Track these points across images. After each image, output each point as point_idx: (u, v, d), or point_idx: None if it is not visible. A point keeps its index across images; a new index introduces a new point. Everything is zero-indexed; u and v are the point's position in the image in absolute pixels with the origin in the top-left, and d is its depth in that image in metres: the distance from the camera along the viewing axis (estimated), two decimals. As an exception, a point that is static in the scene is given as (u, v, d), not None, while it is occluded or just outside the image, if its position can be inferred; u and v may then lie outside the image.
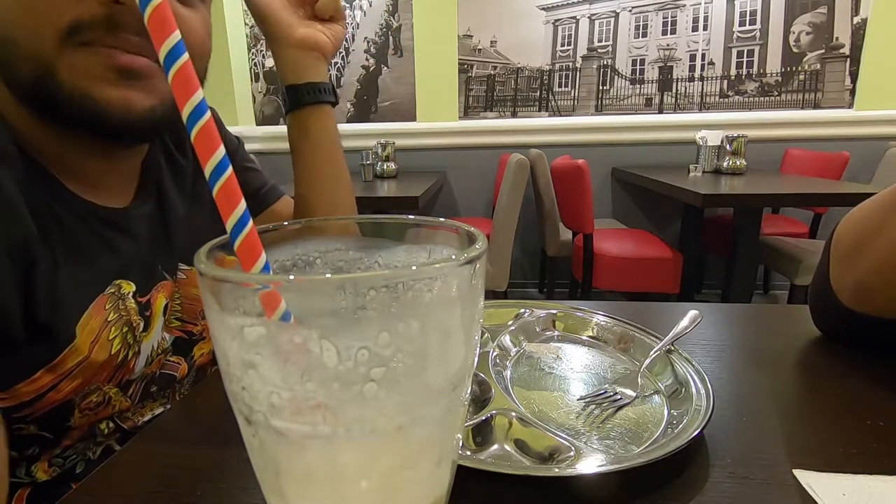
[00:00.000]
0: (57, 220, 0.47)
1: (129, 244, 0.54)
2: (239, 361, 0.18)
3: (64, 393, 0.47)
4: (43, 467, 0.50)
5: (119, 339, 0.51)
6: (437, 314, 0.19)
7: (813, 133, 2.99)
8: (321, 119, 0.68)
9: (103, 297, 0.50)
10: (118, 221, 0.53)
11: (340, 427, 0.18)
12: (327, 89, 0.68)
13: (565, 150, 3.00)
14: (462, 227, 0.23)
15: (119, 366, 0.51)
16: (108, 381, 0.51)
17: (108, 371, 0.50)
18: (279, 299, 0.18)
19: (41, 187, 0.47)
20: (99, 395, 0.50)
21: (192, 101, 0.19)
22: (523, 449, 0.38)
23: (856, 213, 0.57)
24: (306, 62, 0.66)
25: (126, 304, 0.52)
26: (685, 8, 2.99)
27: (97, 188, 0.52)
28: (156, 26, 0.19)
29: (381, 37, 3.22)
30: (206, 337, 0.63)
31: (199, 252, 0.20)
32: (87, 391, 0.49)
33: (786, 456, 0.38)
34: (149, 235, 0.57)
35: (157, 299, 0.56)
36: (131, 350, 0.52)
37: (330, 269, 0.26)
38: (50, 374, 0.46)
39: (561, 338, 0.58)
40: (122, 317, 0.51)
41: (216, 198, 0.20)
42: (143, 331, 0.54)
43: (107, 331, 0.49)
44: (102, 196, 0.53)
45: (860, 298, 0.54)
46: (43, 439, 0.49)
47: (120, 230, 0.53)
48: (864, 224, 0.55)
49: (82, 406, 0.50)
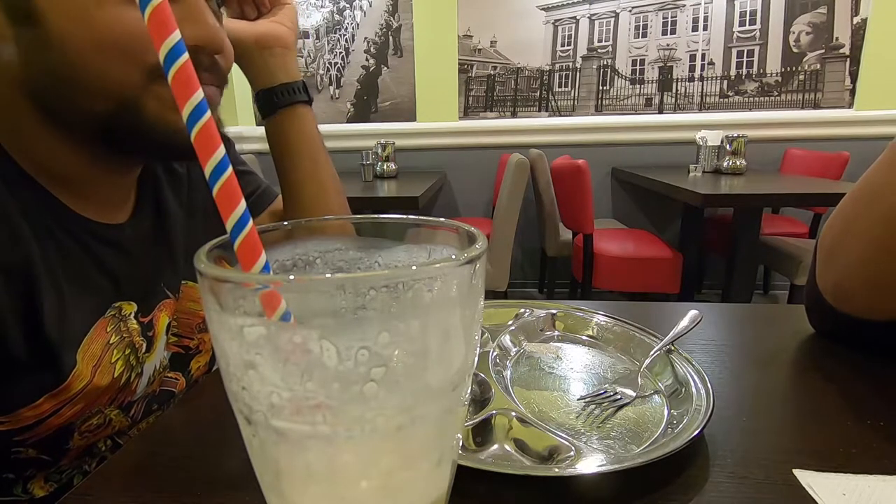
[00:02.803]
0: (57, 243, 0.46)
1: (128, 264, 0.52)
2: (239, 361, 0.18)
3: (65, 417, 0.46)
4: (39, 484, 0.49)
5: (122, 361, 0.49)
6: (437, 314, 0.19)
7: (813, 133, 2.99)
8: (298, 121, 0.66)
9: (104, 321, 0.49)
10: (118, 240, 0.52)
11: (340, 427, 0.18)
12: (299, 89, 0.66)
13: (565, 150, 3.00)
14: (462, 227, 0.23)
15: (121, 388, 0.50)
16: (110, 404, 0.50)
17: (111, 394, 0.49)
18: (279, 299, 0.18)
19: (41, 210, 0.46)
20: (100, 417, 0.49)
21: (193, 101, 0.19)
22: (523, 449, 0.38)
23: (835, 212, 0.57)
24: (273, 62, 0.65)
25: (128, 326, 0.51)
26: (685, 8, 2.99)
27: (97, 203, 0.51)
28: (156, 26, 0.19)
29: (381, 37, 3.21)
30: (203, 350, 0.61)
31: (199, 252, 0.20)
32: (89, 415, 0.48)
33: (786, 456, 0.38)
34: (149, 252, 0.55)
35: (160, 318, 0.55)
36: (134, 372, 0.51)
37: (330, 269, 0.26)
38: (52, 399, 0.44)
39: (561, 338, 0.58)
40: (124, 339, 0.50)
41: (216, 198, 0.20)
42: (145, 352, 0.52)
43: (108, 354, 0.48)
44: (102, 212, 0.51)
45: (841, 299, 0.54)
46: (41, 462, 0.48)
47: (120, 250, 0.52)
48: (839, 224, 0.56)
49: (82, 429, 0.49)
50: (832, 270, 0.55)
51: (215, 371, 0.61)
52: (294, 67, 0.67)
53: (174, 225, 0.59)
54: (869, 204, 0.52)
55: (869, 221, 0.51)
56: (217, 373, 0.20)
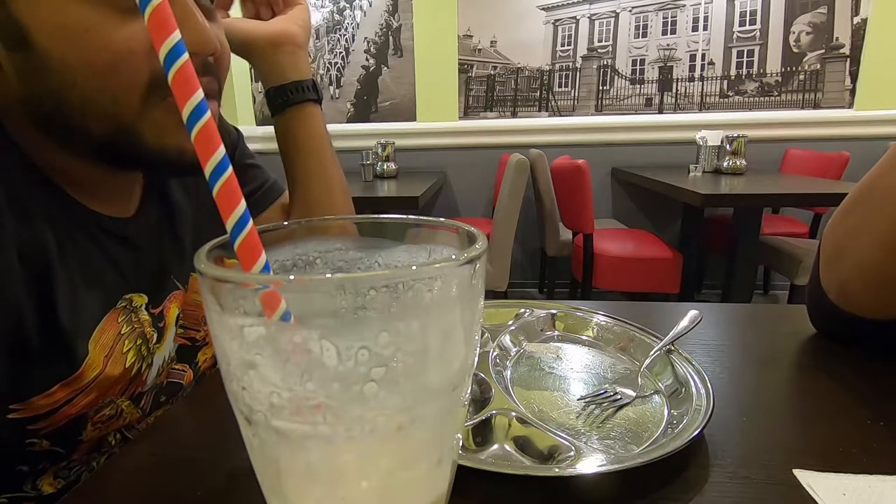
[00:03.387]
0: (68, 235, 0.47)
1: (137, 256, 0.53)
2: (239, 361, 0.18)
3: (78, 407, 0.47)
4: (48, 480, 0.50)
5: (133, 351, 0.50)
6: (437, 314, 0.19)
7: (813, 133, 2.99)
8: (307, 119, 0.67)
9: (115, 312, 0.49)
10: (126, 233, 0.52)
11: (340, 427, 0.18)
12: (308, 87, 0.67)
13: (565, 150, 3.00)
14: (462, 227, 0.23)
15: (133, 379, 0.50)
16: (122, 395, 0.50)
17: (123, 384, 0.50)
18: (279, 299, 0.18)
19: (51, 203, 0.46)
20: (112, 408, 0.50)
21: (193, 101, 0.20)
22: (523, 449, 0.38)
23: (838, 212, 0.57)
24: (284, 60, 0.66)
25: (139, 317, 0.52)
26: (685, 8, 2.99)
27: (104, 199, 0.51)
28: (155, 26, 0.19)
29: (381, 37, 3.22)
30: (209, 342, 0.62)
31: (199, 252, 0.20)
32: (101, 405, 0.49)
33: (786, 456, 0.38)
34: (157, 245, 0.56)
35: (170, 310, 0.56)
36: (145, 362, 0.52)
37: (330, 269, 0.26)
38: (66, 388, 0.45)
39: (561, 338, 0.58)
40: (136, 329, 0.51)
41: (216, 198, 0.20)
42: (156, 342, 0.53)
43: (120, 344, 0.49)
44: (108, 207, 0.52)
45: (844, 298, 0.54)
46: (54, 454, 0.49)
47: (128, 243, 0.52)
48: (843, 224, 0.56)
49: (95, 419, 0.49)
50: (836, 270, 0.55)
51: (215, 371, 0.61)
52: (304, 66, 0.67)
53: (181, 217, 0.60)
54: (876, 205, 0.52)
55: (877, 223, 0.51)
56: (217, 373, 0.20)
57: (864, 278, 0.53)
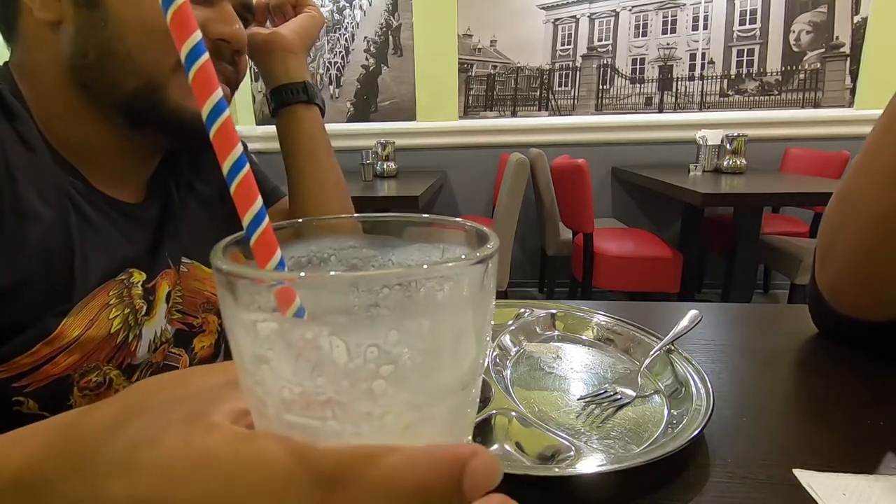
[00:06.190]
0: (75, 205, 0.50)
1: (141, 235, 0.57)
2: (252, 356, 0.19)
3: (61, 367, 0.48)
4: None
5: (119, 318, 0.52)
6: (448, 313, 0.19)
7: (813, 132, 2.99)
8: (298, 120, 0.69)
9: (112, 283, 0.52)
10: (133, 213, 0.57)
11: (349, 423, 0.18)
12: (299, 90, 0.69)
13: (565, 150, 3.00)
14: (474, 227, 0.23)
15: (119, 346, 0.52)
16: (108, 362, 0.52)
17: (108, 351, 0.51)
18: (294, 295, 0.18)
19: (63, 174, 0.50)
20: (99, 374, 0.51)
21: (212, 100, 0.20)
22: (523, 449, 0.38)
23: (824, 215, 0.58)
24: (275, 65, 0.69)
25: (131, 292, 0.54)
26: (685, 7, 2.99)
27: (112, 184, 0.55)
28: (177, 26, 0.20)
29: (381, 36, 3.21)
30: (206, 329, 0.64)
31: (215, 248, 0.20)
32: (86, 369, 0.50)
33: (786, 456, 0.38)
34: (158, 226, 0.60)
35: (161, 286, 0.58)
36: (132, 332, 0.53)
37: (344, 266, 0.27)
38: (47, 347, 0.47)
39: (561, 338, 0.58)
40: (125, 300, 0.53)
41: (234, 194, 0.20)
42: (145, 314, 0.55)
43: (106, 311, 0.51)
44: (115, 190, 0.56)
45: (836, 300, 0.55)
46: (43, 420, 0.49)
47: (135, 221, 0.56)
48: (827, 228, 0.57)
49: (81, 384, 0.50)
50: (826, 272, 0.56)
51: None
52: (296, 70, 0.69)
53: (183, 206, 0.64)
54: (849, 211, 0.53)
55: (851, 227, 0.52)
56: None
57: (848, 280, 0.53)
